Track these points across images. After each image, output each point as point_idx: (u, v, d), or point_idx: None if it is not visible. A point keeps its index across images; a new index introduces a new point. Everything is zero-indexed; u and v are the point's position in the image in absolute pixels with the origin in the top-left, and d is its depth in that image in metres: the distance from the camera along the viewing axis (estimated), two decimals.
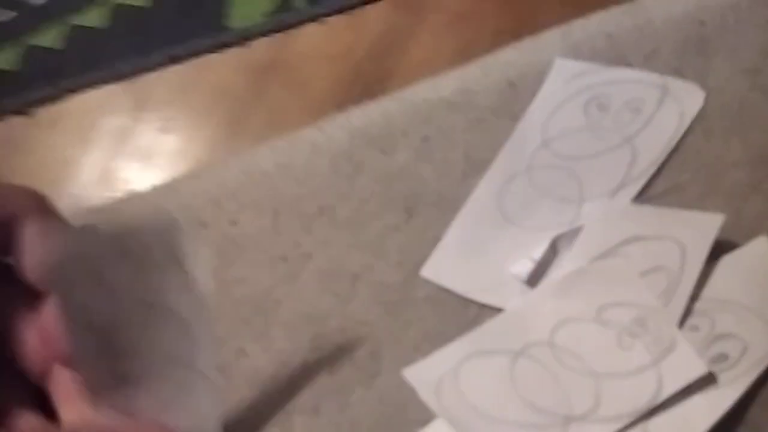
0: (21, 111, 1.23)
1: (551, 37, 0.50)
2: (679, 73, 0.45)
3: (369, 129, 0.45)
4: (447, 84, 0.47)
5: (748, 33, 0.44)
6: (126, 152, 1.23)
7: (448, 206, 0.47)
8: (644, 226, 0.39)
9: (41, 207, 0.26)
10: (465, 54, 1.19)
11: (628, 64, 0.45)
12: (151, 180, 1.20)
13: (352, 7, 1.24)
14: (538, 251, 0.42)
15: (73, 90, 1.20)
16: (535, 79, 0.46)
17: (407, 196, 0.46)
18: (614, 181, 0.42)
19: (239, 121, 1.20)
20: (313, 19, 1.23)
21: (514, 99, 0.46)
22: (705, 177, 0.42)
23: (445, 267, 0.45)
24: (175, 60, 1.23)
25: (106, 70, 1.23)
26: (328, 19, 1.24)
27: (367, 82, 1.21)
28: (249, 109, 1.20)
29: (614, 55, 0.46)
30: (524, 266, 0.41)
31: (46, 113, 1.24)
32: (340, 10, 1.23)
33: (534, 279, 0.41)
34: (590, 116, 0.45)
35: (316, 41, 1.23)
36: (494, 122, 0.46)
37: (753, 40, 0.43)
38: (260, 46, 1.24)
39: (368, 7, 1.23)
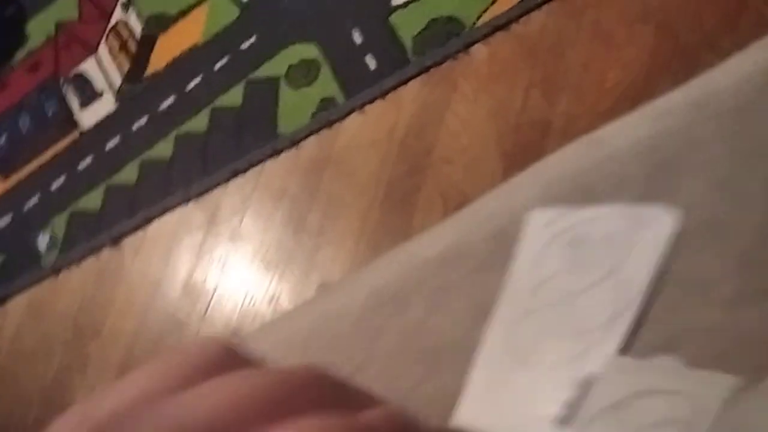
0: (110, 244, 1.18)
1: (524, 183, 0.41)
2: (649, 197, 0.37)
3: (387, 289, 0.38)
4: (439, 238, 0.39)
5: (716, 147, 0.40)
6: (204, 264, 1.17)
7: (465, 356, 0.41)
8: (656, 380, 0.32)
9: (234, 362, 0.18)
10: (500, 115, 1.09)
11: (598, 199, 0.37)
12: (230, 284, 1.15)
13: (386, 92, 1.16)
14: (563, 394, 0.34)
15: (150, 218, 1.15)
16: (515, 227, 0.38)
17: (427, 350, 0.43)
18: (605, 313, 0.39)
19: (300, 217, 1.12)
20: (353, 110, 1.15)
21: (502, 248, 0.38)
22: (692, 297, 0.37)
23: (473, 415, 0.40)
24: (236, 173, 1.17)
25: (177, 195, 1.17)
26: (367, 107, 1.16)
27: (412, 159, 1.12)
28: (307, 205, 1.12)
29: (582, 192, 0.38)
30: (553, 408, 0.34)
31: (131, 242, 1.19)
32: (376, 97, 1.16)
33: (565, 420, 0.33)
34: (571, 257, 0.41)
35: (359, 130, 1.16)
36: (491, 273, 0.43)
37: (720, 153, 0.39)
38: (309, 145, 1.18)
39: (401, 89, 1.15)
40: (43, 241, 1.20)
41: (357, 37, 1.19)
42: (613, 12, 1.07)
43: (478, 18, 1.13)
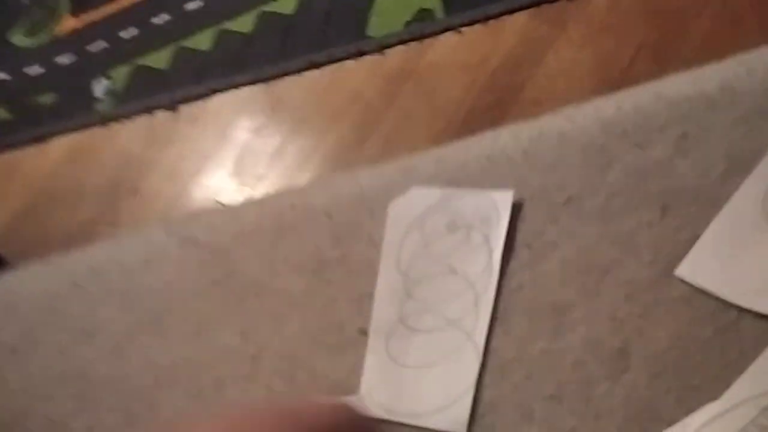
0: (168, 107, 1.09)
1: None
2: None
3: (622, 122, 0.29)
4: (707, 79, 0.30)
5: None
6: (258, 149, 1.07)
7: (706, 205, 0.37)
8: None
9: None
10: (604, 68, 0.98)
11: None
12: (280, 176, 1.05)
13: (489, 18, 1.05)
14: None
15: (216, 90, 1.05)
16: None
17: (662, 192, 0.38)
18: None
19: (369, 126, 1.02)
20: (450, 28, 1.04)
21: None
22: None
23: (703, 267, 0.35)
24: (314, 65, 1.06)
25: (248, 73, 1.07)
26: (465, 29, 1.05)
27: (499, 92, 1.01)
28: (379, 115, 1.02)
29: None
30: None
31: (189, 110, 1.09)
32: (477, 20, 1.04)
33: None
34: None
35: (451, 51, 1.05)
36: (759, 124, 0.38)
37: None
38: (396, 54, 1.07)
39: (506, 17, 1.04)
40: (100, 87, 1.10)
41: None
42: None
43: None
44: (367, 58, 1.08)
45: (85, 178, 1.09)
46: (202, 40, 1.12)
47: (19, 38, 1.20)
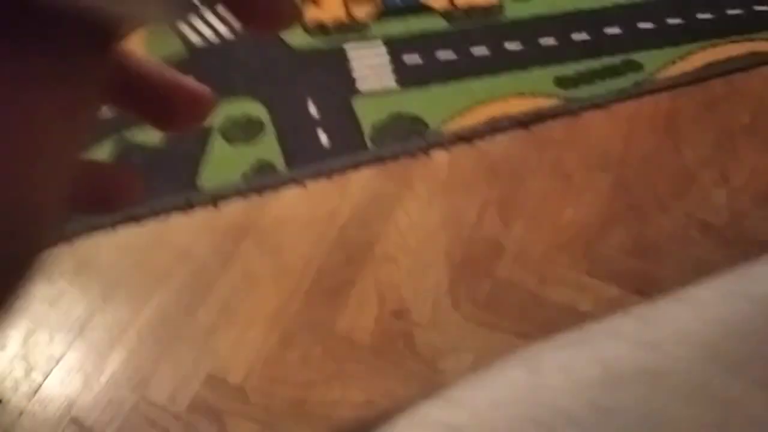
0: None
1: None
2: None
3: None
4: None
5: None
6: (54, 324, 0.80)
7: None
8: None
9: None
10: (454, 224, 0.87)
11: None
12: (83, 357, 0.77)
13: (333, 172, 0.91)
14: None
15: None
16: None
17: None
18: None
19: (201, 290, 0.80)
20: (293, 181, 0.88)
21: None
22: None
23: None
24: (132, 218, 0.83)
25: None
26: (309, 182, 0.90)
27: (351, 248, 0.86)
28: (213, 275, 0.81)
29: None
30: None
31: None
32: (321, 174, 0.90)
33: None
34: None
35: (296, 205, 0.89)
36: None
37: None
38: (233, 208, 0.88)
39: (351, 173, 0.91)
40: None
41: (312, 109, 0.95)
42: (575, 155, 0.93)
43: (444, 124, 0.93)
44: (199, 211, 0.87)
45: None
46: None
47: None
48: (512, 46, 1.07)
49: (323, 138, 0.95)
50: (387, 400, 0.75)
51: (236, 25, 1.04)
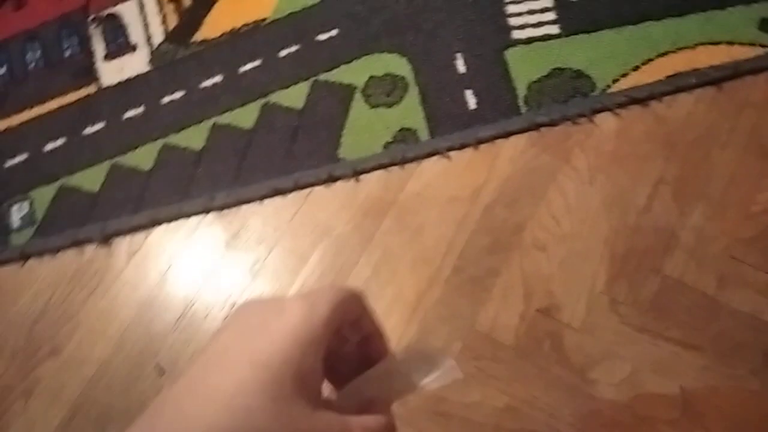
0: (100, 240, 0.81)
1: None
2: None
3: None
4: None
5: None
6: (209, 294, 0.81)
7: None
8: None
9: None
10: (617, 206, 0.75)
11: None
12: None
13: (481, 142, 0.81)
14: None
15: (158, 220, 0.78)
16: None
17: None
18: None
19: (342, 267, 0.77)
20: (436, 152, 0.80)
21: None
22: None
23: None
24: (276, 192, 0.81)
25: (197, 199, 0.81)
26: (454, 153, 0.81)
27: (497, 232, 0.77)
28: (354, 255, 0.77)
29: None
30: None
31: (125, 243, 0.82)
32: (467, 144, 0.81)
33: None
34: None
35: (438, 179, 0.81)
36: None
37: None
38: (373, 181, 0.82)
39: (500, 142, 0.81)
40: (18, 213, 0.82)
41: (460, 65, 0.84)
42: None
43: (614, 82, 0.78)
44: (340, 184, 0.83)
45: None
46: (143, 157, 0.85)
47: None
48: None
49: (471, 100, 0.84)
50: (529, 408, 0.69)
51: None
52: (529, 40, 0.84)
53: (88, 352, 0.78)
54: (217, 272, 0.80)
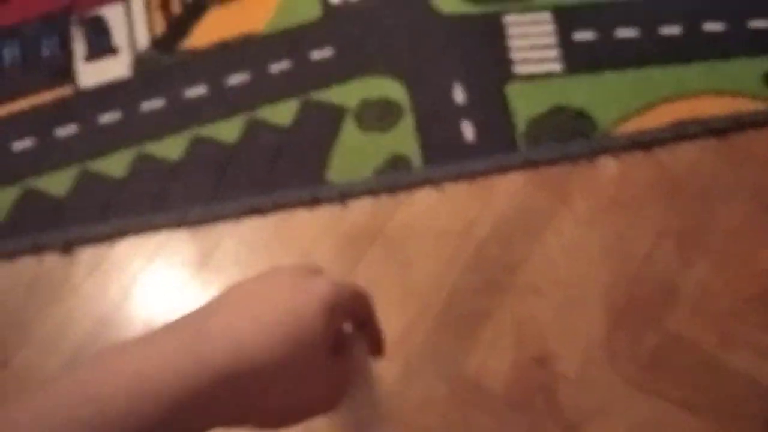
0: (61, 248, 0.72)
1: None
2: None
3: None
4: None
5: None
6: (177, 314, 0.73)
7: None
8: None
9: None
10: (617, 254, 0.69)
11: None
12: None
13: (476, 175, 0.75)
14: None
15: (126, 230, 0.69)
16: None
17: None
18: None
19: None
20: (428, 182, 0.74)
21: None
22: None
23: None
24: (255, 210, 0.73)
25: (170, 212, 0.73)
26: (447, 185, 0.75)
27: (489, 271, 0.70)
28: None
29: None
30: None
31: (88, 254, 0.73)
32: (462, 176, 0.74)
33: None
34: None
35: (429, 211, 0.74)
36: None
37: None
38: (361, 207, 0.75)
39: (496, 176, 0.74)
40: None
41: (458, 94, 0.78)
42: None
43: (616, 125, 0.73)
44: (325, 208, 0.75)
45: None
46: (116, 165, 0.77)
47: None
48: (712, 26, 0.82)
49: (468, 131, 0.78)
50: None
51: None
52: (531, 76, 0.79)
53: (37, 367, 0.68)
54: (184, 293, 0.71)
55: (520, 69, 0.80)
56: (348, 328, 0.31)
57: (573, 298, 0.68)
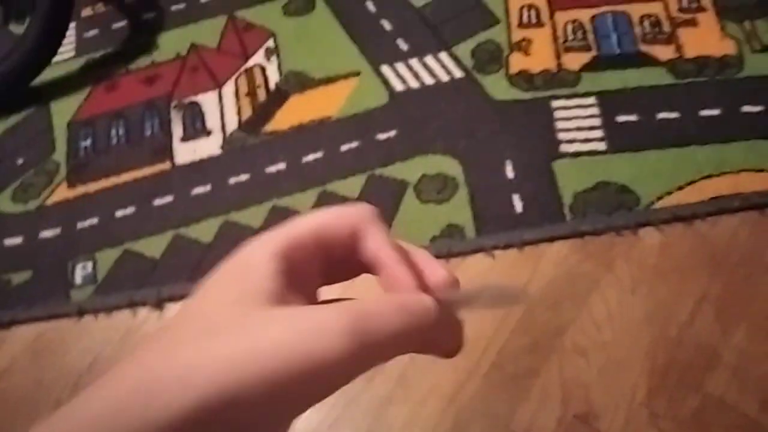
0: (153, 304, 0.82)
1: None
2: None
3: None
4: None
5: None
6: None
7: None
8: None
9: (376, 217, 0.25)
10: (659, 319, 0.73)
11: None
12: None
13: (525, 243, 0.82)
14: None
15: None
16: None
17: None
18: None
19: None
20: (480, 250, 0.81)
21: None
22: None
23: None
24: None
25: None
26: (498, 252, 0.82)
27: (537, 333, 0.76)
28: None
29: None
30: None
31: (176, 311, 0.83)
32: (512, 245, 0.81)
33: None
34: None
35: (481, 276, 0.81)
36: None
37: None
38: None
39: (544, 245, 0.81)
40: (81, 271, 0.85)
41: (509, 171, 0.86)
42: None
43: (658, 199, 0.79)
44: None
45: (47, 379, 0.81)
46: (205, 231, 0.88)
47: (5, 203, 0.95)
48: (751, 108, 0.88)
49: (518, 204, 0.86)
50: None
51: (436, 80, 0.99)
52: (577, 154, 0.87)
53: None
54: None
55: (566, 147, 0.88)
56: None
57: (616, 360, 0.73)
